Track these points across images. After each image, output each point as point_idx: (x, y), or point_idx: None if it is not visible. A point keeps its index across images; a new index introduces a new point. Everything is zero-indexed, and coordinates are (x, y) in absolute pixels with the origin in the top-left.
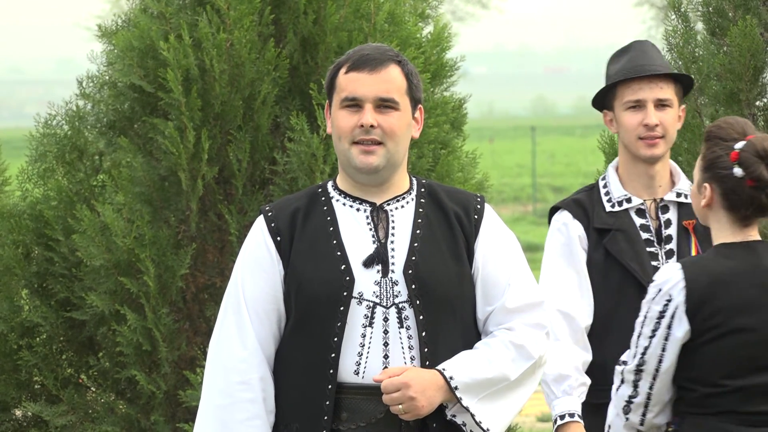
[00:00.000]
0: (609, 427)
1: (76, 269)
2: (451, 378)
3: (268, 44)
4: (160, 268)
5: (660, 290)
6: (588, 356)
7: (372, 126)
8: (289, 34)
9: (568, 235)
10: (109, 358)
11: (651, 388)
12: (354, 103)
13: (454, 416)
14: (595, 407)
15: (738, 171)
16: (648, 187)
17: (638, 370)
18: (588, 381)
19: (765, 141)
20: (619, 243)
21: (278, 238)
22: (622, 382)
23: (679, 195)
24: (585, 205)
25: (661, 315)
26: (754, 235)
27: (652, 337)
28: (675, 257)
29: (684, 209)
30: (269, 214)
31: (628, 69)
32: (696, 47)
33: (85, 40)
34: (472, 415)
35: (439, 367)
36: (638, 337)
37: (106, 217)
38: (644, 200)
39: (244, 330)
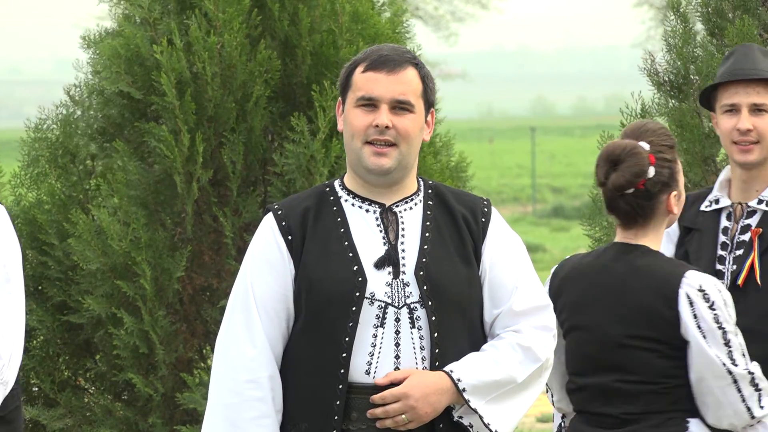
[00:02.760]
0: None
1: (72, 272)
2: (459, 380)
3: (259, 45)
4: (156, 271)
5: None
6: None
7: (387, 127)
8: (267, 38)
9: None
10: (107, 361)
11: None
12: (369, 103)
13: (461, 417)
14: None
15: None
16: (743, 191)
17: None
18: None
19: (615, 145)
20: (693, 243)
21: (289, 237)
22: None
23: (761, 201)
24: (689, 201)
25: None
26: (641, 240)
27: None
28: (743, 264)
29: (766, 217)
30: (279, 212)
31: (728, 72)
32: (695, 48)
33: (79, 44)
34: (480, 417)
35: (447, 368)
36: None
37: (102, 221)
38: (732, 203)
39: (253, 328)
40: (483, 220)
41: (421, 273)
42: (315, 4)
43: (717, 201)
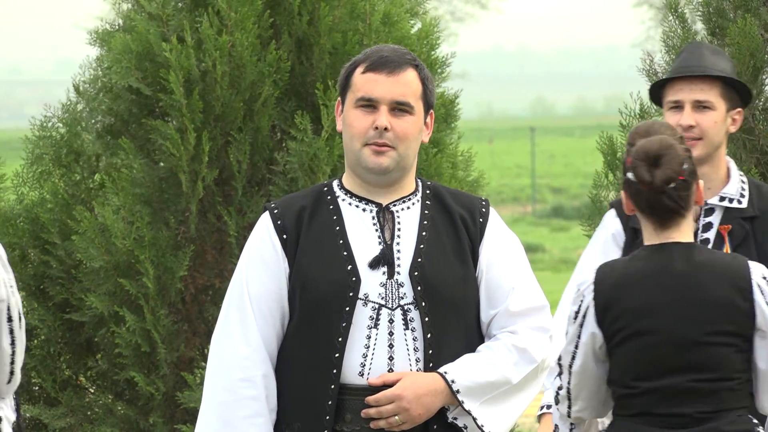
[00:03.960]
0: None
1: (74, 271)
2: (452, 381)
3: (270, 46)
4: (159, 270)
5: (578, 290)
6: None
7: (386, 129)
8: (284, 35)
9: (606, 232)
10: (108, 360)
11: (569, 383)
12: (369, 104)
13: (455, 419)
14: None
15: (630, 175)
16: None
17: (558, 364)
18: None
19: (650, 143)
20: None
21: (284, 236)
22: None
23: (722, 199)
24: None
25: (576, 314)
26: (677, 236)
27: (570, 334)
28: None
29: (728, 213)
30: (275, 211)
31: (674, 70)
32: None
33: (83, 41)
34: (474, 419)
35: (441, 370)
36: (566, 333)
37: (106, 219)
38: None
39: (248, 327)
40: (481, 220)
41: (416, 273)
42: (337, 4)
43: None
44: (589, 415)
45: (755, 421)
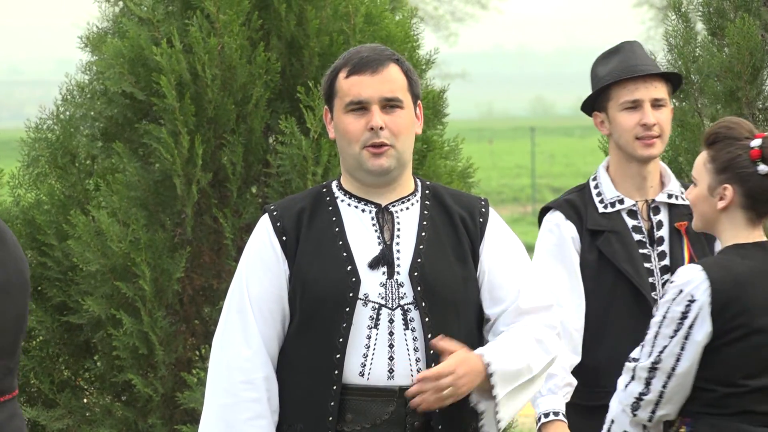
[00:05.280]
0: (612, 421)
1: (72, 273)
2: (488, 364)
3: (259, 48)
4: (155, 272)
5: (681, 291)
6: (576, 359)
7: (381, 128)
8: (273, 39)
9: (560, 236)
10: (106, 362)
11: (665, 386)
12: (360, 106)
13: (477, 402)
14: (586, 409)
15: (763, 168)
16: (639, 188)
17: (653, 368)
18: (574, 382)
19: None
20: (612, 245)
21: (284, 238)
22: (632, 378)
23: (670, 196)
24: (578, 205)
25: (684, 316)
26: (760, 236)
27: (672, 337)
28: (667, 259)
29: (675, 210)
30: (274, 213)
31: (622, 69)
32: (696, 47)
33: (76, 46)
34: (496, 404)
35: (477, 351)
36: (655, 336)
37: (101, 222)
38: (636, 201)
39: (249, 329)
40: (481, 220)
41: (416, 273)
42: (323, 5)
43: (621, 201)
44: (673, 416)
45: None
